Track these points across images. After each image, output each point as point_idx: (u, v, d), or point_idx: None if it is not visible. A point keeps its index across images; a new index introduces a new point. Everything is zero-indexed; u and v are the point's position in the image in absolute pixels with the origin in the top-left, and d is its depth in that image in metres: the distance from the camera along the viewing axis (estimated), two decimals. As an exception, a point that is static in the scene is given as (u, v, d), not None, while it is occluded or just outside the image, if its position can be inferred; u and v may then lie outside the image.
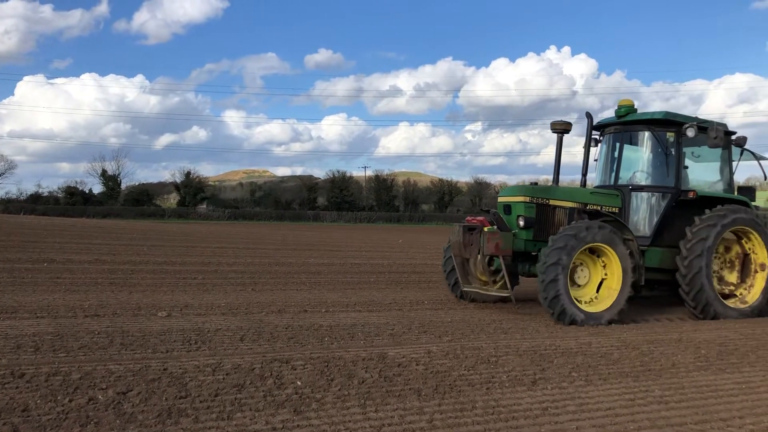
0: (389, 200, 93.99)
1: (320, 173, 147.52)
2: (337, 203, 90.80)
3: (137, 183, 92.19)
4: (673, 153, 10.17)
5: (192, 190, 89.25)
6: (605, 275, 9.28)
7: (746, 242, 10.25)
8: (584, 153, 10.95)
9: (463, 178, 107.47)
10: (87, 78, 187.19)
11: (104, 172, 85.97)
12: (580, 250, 8.87)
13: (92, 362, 5.73)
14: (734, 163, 10.84)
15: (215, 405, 4.65)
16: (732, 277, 10.33)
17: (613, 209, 10.17)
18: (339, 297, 10.97)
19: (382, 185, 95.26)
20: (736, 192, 10.78)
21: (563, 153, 10.99)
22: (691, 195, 9.90)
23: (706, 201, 10.02)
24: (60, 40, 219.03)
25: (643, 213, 10.29)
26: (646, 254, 9.95)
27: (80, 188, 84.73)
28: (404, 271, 15.88)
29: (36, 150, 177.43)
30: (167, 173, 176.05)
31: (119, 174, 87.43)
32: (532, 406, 4.93)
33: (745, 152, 10.85)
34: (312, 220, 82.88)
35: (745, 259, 10.31)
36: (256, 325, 7.91)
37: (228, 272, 14.40)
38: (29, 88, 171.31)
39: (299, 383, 5.26)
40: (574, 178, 11.35)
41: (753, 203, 10.61)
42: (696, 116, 10.40)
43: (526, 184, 10.22)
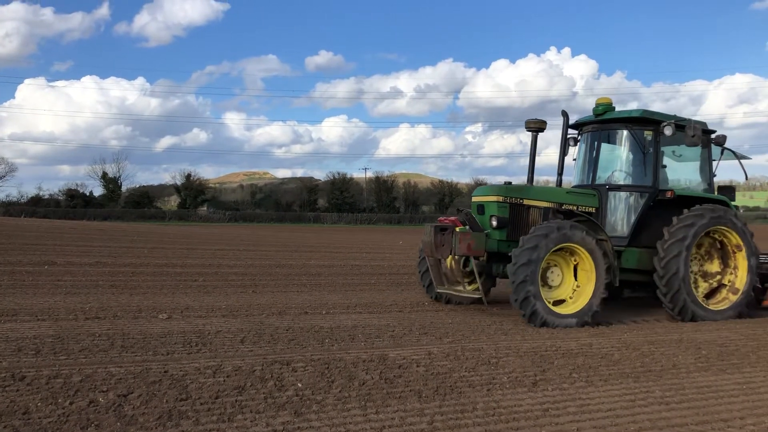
0: (390, 202, 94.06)
1: (321, 175, 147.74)
2: (338, 205, 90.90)
3: (138, 185, 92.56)
4: (651, 152, 10.00)
5: (192, 193, 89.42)
6: (578, 276, 9.07)
7: (725, 242, 10.04)
8: (560, 152, 10.80)
9: (464, 180, 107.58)
10: (88, 81, 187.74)
11: (105, 175, 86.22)
12: (552, 251, 8.69)
13: (93, 365, 5.73)
14: (715, 163, 10.65)
15: (216, 407, 4.65)
16: (714, 266, 10.10)
17: (590, 209, 9.97)
18: (339, 299, 10.97)
19: (383, 187, 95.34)
20: (717, 191, 10.58)
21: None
22: (669, 195, 9.71)
23: (686, 201, 9.82)
24: (61, 43, 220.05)
25: (621, 213, 10.09)
26: (624, 255, 9.77)
27: (81, 191, 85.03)
28: (405, 273, 15.88)
29: (37, 153, 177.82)
30: (168, 175, 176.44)
31: (120, 176, 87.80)
32: (533, 408, 4.92)
33: (726, 151, 10.67)
34: (312, 222, 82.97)
35: (723, 248, 10.07)
36: (257, 327, 7.91)
37: (228, 274, 14.41)
38: (30, 91, 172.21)
39: (300, 385, 5.26)
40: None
41: (733, 203, 10.36)
42: (675, 114, 10.20)
43: (500, 184, 10.02)
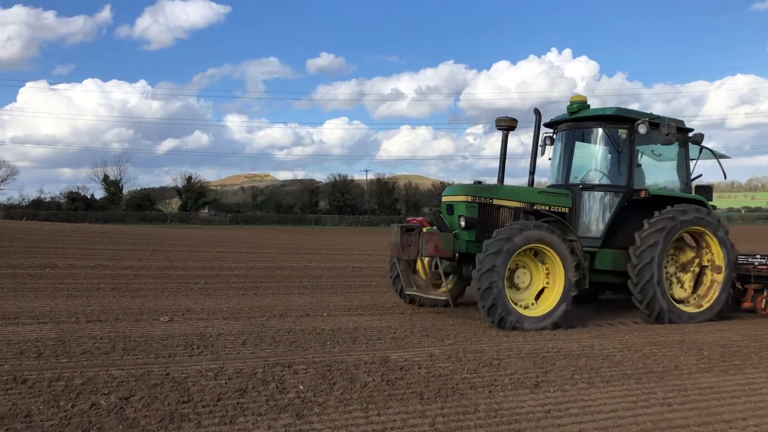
0: (391, 203, 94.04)
1: (322, 177, 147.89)
2: (339, 207, 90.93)
3: (139, 188, 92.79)
4: (626, 151, 9.77)
5: (194, 195, 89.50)
6: (548, 278, 8.86)
7: (702, 245, 9.85)
8: (532, 151, 10.56)
9: (465, 181, 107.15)
10: (89, 83, 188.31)
11: (106, 178, 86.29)
12: (519, 252, 8.49)
13: (95, 367, 5.73)
14: (693, 162, 10.44)
15: (217, 410, 4.65)
16: (686, 280, 9.91)
17: (563, 209, 9.76)
18: (341, 301, 10.97)
19: (384, 188, 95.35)
20: (694, 191, 10.36)
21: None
22: (643, 194, 9.49)
23: (664, 201, 9.64)
24: (62, 46, 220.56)
25: (595, 213, 9.84)
26: (597, 256, 9.58)
27: (82, 194, 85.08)
28: (406, 275, 15.83)
29: (38, 156, 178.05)
30: (169, 178, 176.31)
31: (121, 179, 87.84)
32: (535, 409, 4.92)
33: (705, 151, 10.48)
34: (313, 224, 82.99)
35: (699, 248, 9.90)
36: (258, 330, 7.91)
37: (230, 276, 14.42)
38: (32, 94, 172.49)
39: (301, 387, 5.26)
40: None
41: (710, 202, 10.13)
42: (650, 112, 10.00)
43: (470, 183, 9.83)
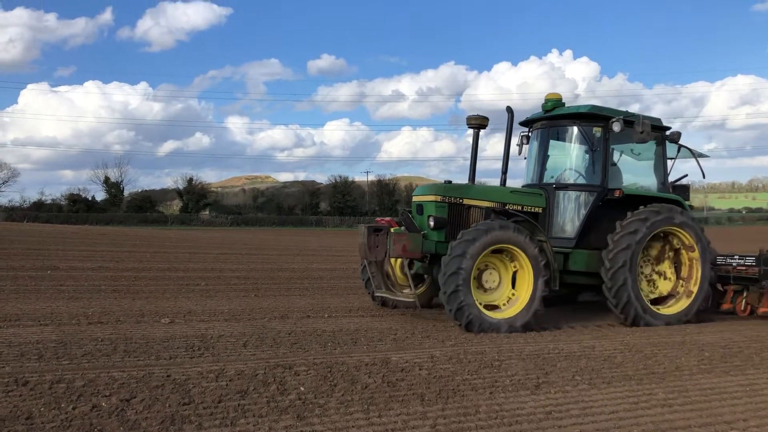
0: (392, 205, 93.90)
1: (323, 178, 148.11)
2: (340, 208, 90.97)
3: (140, 190, 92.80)
4: (601, 149, 9.60)
5: (195, 197, 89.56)
6: (516, 277, 8.69)
7: (676, 242, 9.68)
8: (504, 150, 10.43)
9: (466, 182, 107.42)
10: (90, 86, 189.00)
11: (107, 180, 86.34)
12: (489, 252, 8.38)
13: (96, 369, 5.74)
14: (671, 161, 10.28)
15: (218, 411, 4.65)
16: (666, 267, 9.72)
17: (536, 209, 9.63)
18: (342, 302, 10.97)
19: (385, 190, 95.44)
20: (671, 190, 10.18)
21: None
22: (617, 194, 9.32)
23: (640, 200, 9.48)
24: (64, 49, 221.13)
25: (569, 213, 9.67)
26: (571, 256, 9.43)
27: (83, 196, 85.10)
28: (407, 276, 15.83)
29: (39, 158, 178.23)
30: (170, 180, 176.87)
31: (122, 181, 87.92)
32: (536, 410, 4.92)
33: (684, 150, 10.32)
34: (314, 226, 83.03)
35: (675, 249, 9.73)
36: (259, 331, 7.91)
37: (231, 278, 14.42)
38: (33, 96, 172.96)
39: (302, 389, 5.26)
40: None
41: (687, 202, 10.01)
42: (626, 110, 9.87)
43: (440, 183, 9.64)
